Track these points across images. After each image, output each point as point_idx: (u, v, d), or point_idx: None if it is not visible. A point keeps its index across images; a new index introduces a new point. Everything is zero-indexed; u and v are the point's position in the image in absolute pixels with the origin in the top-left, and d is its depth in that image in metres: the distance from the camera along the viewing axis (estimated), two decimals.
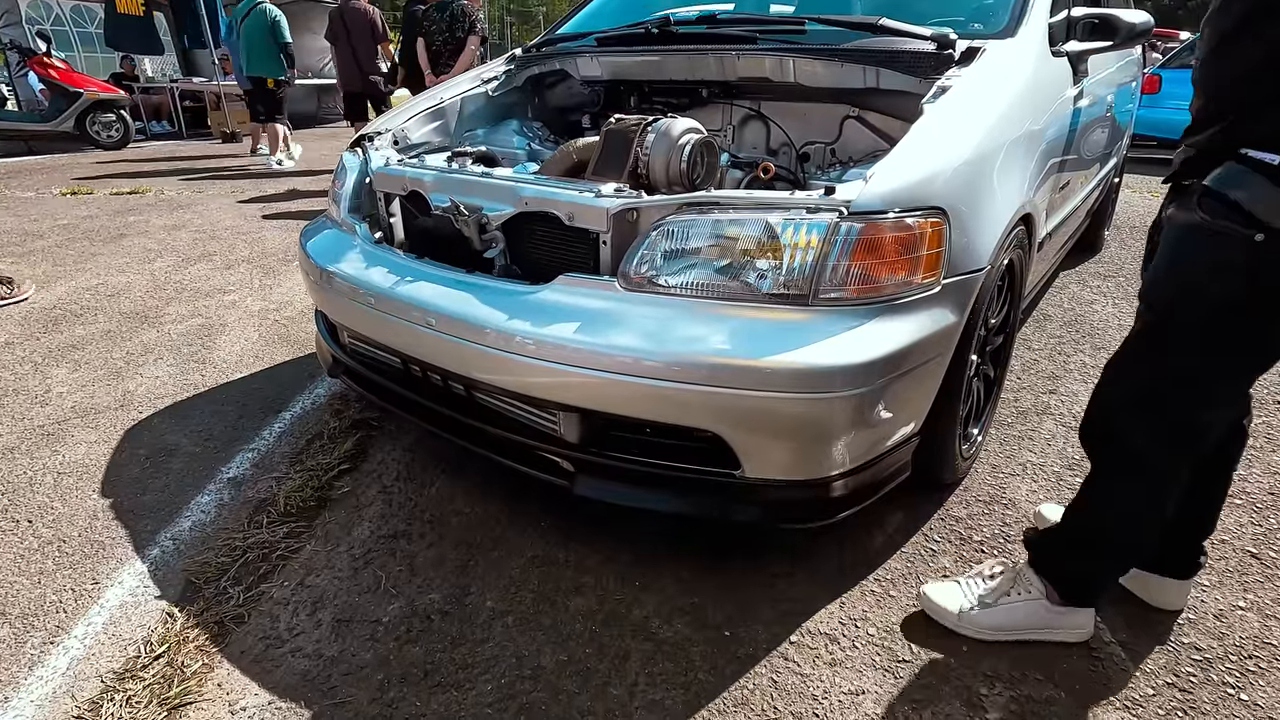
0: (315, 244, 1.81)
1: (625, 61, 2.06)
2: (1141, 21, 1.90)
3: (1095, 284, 3.41)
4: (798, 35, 1.83)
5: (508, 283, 1.38)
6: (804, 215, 1.20)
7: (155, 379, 2.29)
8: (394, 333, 1.48)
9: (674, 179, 1.58)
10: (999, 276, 1.56)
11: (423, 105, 2.20)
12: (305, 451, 1.86)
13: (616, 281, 1.26)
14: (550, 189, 1.39)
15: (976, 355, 1.63)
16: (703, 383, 1.16)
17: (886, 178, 1.24)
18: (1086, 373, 2.41)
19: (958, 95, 1.45)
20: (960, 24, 1.91)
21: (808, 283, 1.19)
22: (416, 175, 1.63)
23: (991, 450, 1.91)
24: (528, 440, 1.38)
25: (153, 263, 3.66)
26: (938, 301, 1.28)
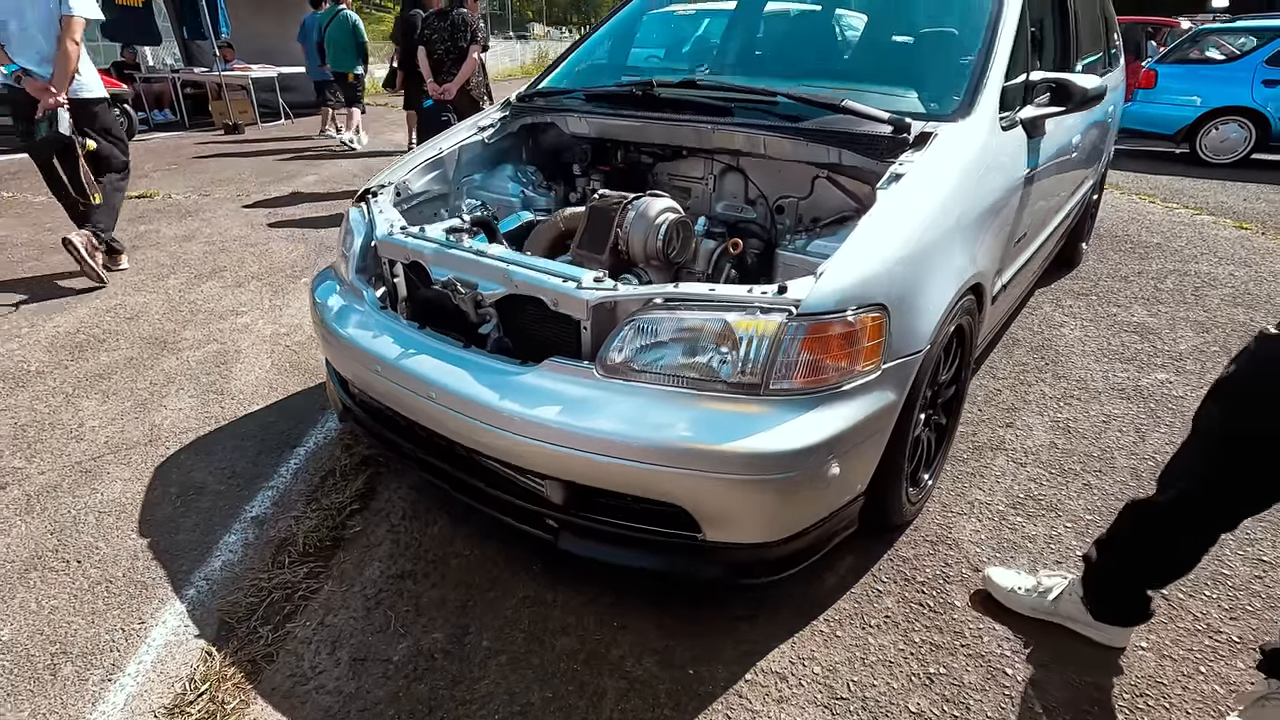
0: (325, 300, 1.97)
1: (611, 123, 2.20)
2: (1094, 87, 2.05)
3: (1068, 303, 3.57)
4: (770, 106, 1.97)
5: (500, 361, 1.55)
6: (758, 315, 1.37)
7: (179, 411, 2.48)
8: (399, 399, 1.66)
9: (651, 255, 1.76)
10: (943, 347, 1.72)
11: (423, 157, 2.36)
12: (320, 489, 2.05)
13: (595, 368, 1.44)
14: (537, 275, 1.55)
15: (924, 413, 1.80)
16: (667, 464, 1.34)
17: (833, 278, 1.40)
18: (1045, 404, 2.59)
19: (907, 186, 1.60)
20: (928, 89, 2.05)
21: (760, 375, 1.36)
22: (418, 247, 1.79)
23: (944, 487, 2.10)
24: (518, 500, 1.57)
25: (166, 279, 3.83)
26: (878, 385, 1.45)
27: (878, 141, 1.76)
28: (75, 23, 3.23)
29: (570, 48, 2.93)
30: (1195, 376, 2.78)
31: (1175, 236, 4.78)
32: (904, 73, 2.18)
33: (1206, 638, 1.58)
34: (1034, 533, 1.91)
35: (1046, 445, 2.32)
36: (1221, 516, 1.32)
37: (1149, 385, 2.72)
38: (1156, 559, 1.43)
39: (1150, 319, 3.37)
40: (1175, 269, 4.10)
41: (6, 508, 1.98)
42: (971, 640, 1.57)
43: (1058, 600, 1.58)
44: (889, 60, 2.34)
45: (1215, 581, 1.74)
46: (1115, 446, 2.31)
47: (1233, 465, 1.26)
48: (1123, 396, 2.63)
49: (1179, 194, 6.15)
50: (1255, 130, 7.19)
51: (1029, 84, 2.10)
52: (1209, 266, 4.15)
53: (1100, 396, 2.63)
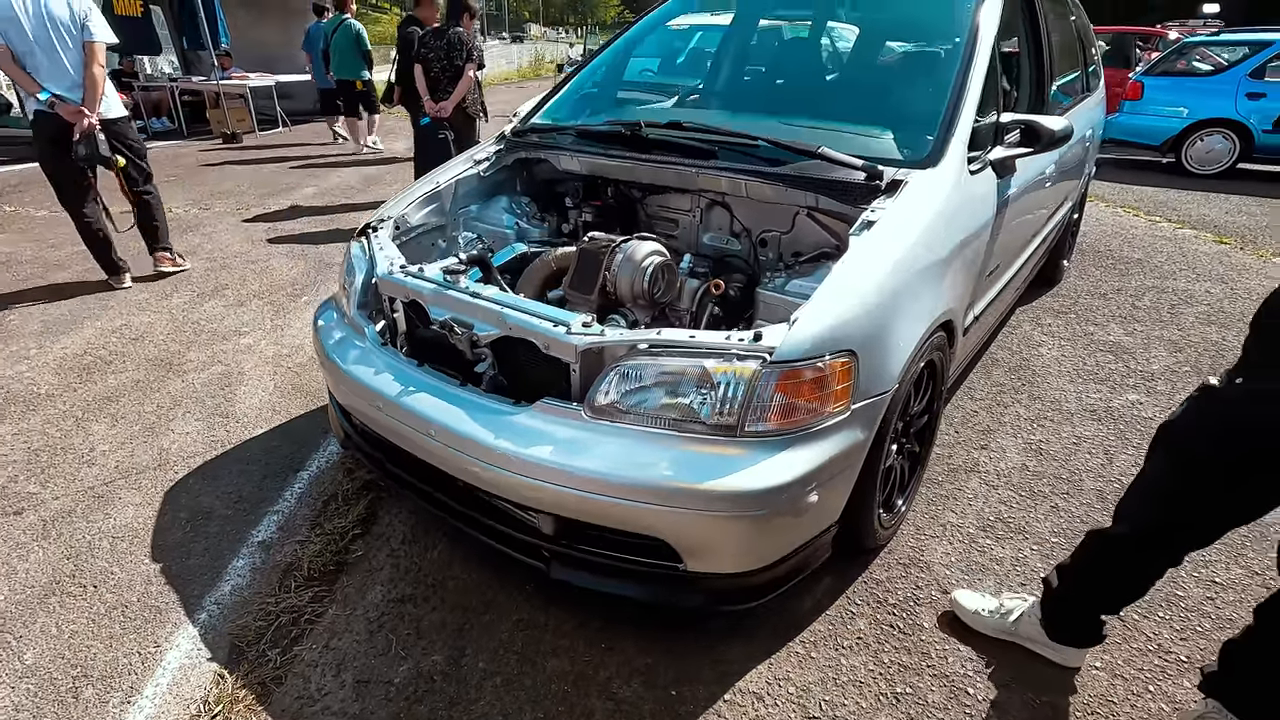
0: (329, 333, 2.07)
1: (601, 162, 2.30)
2: (1061, 128, 2.15)
3: (1048, 322, 3.68)
4: (752, 149, 2.07)
5: (495, 400, 1.65)
6: (734, 361, 1.47)
7: (186, 435, 2.57)
8: (399, 433, 1.76)
9: (637, 295, 1.86)
10: (914, 382, 1.83)
11: (421, 191, 2.45)
12: (323, 514, 2.15)
13: (583, 409, 1.54)
14: (530, 319, 1.65)
15: (896, 444, 1.91)
16: (650, 501, 1.44)
17: (805, 326, 1.50)
18: (1019, 426, 2.70)
19: (877, 234, 1.71)
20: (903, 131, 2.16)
21: (737, 417, 1.46)
22: (417, 288, 1.89)
23: (919, 510, 2.20)
24: (512, 531, 1.67)
25: (169, 298, 3.92)
26: (847, 424, 1.56)
27: (852, 188, 1.87)
28: (99, 48, 3.50)
29: (564, 80, 3.03)
30: (1165, 397, 2.89)
31: (1156, 251, 4.90)
32: (881, 113, 2.28)
33: (1157, 658, 1.69)
34: (1001, 555, 2.02)
35: (1018, 468, 2.42)
36: (1167, 552, 1.43)
37: (1120, 406, 2.83)
38: (1108, 587, 1.53)
39: (1126, 338, 3.48)
40: (1154, 285, 4.22)
41: (24, 533, 2.07)
42: (937, 660, 1.68)
43: (1018, 622, 1.69)
44: (868, 100, 2.44)
45: (1169, 603, 1.84)
46: (1084, 469, 2.42)
47: (1176, 507, 1.36)
48: (1094, 418, 2.74)
49: (1163, 206, 6.27)
50: (1239, 142, 7.33)
51: (999, 125, 2.21)
52: (1186, 283, 4.27)
53: (1072, 418, 2.74)
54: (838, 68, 2.79)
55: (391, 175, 7.36)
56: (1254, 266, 4.59)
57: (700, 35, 4.81)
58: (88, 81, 3.46)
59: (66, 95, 3.45)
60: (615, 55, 3.07)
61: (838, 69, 2.77)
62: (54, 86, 3.43)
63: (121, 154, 3.77)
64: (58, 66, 3.43)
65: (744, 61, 3.14)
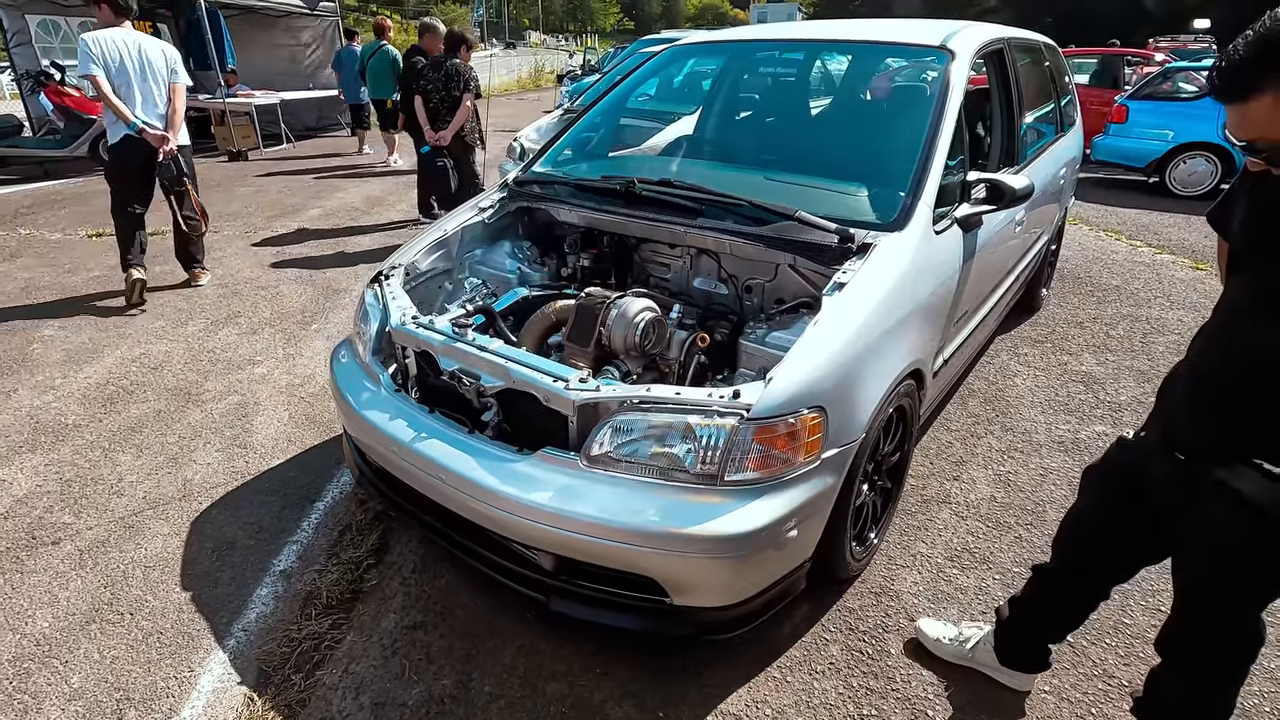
0: (345, 378, 2.24)
1: (596, 217, 2.48)
2: (1023, 188, 2.33)
3: (1024, 351, 3.86)
4: (736, 207, 2.25)
5: (500, 448, 1.82)
6: (715, 418, 1.64)
7: (207, 466, 2.74)
8: (412, 475, 1.93)
9: (630, 348, 2.03)
10: (883, 427, 2.01)
11: (430, 238, 2.63)
12: (339, 544, 2.32)
13: (580, 459, 1.71)
14: (531, 374, 1.83)
15: (867, 483, 2.08)
16: (640, 544, 1.61)
17: (780, 384, 1.68)
18: (990, 457, 2.87)
19: (848, 295, 1.88)
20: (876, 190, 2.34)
21: (717, 467, 1.63)
22: (427, 339, 2.06)
23: (892, 540, 2.37)
24: (514, 566, 1.84)
25: (185, 325, 4.09)
26: (818, 472, 1.73)
27: (826, 250, 2.05)
28: (182, 89, 4.38)
29: (562, 130, 3.21)
30: (1130, 429, 3.06)
31: (1134, 278, 5.09)
32: (857, 170, 2.47)
33: (1101, 682, 1.86)
34: (966, 584, 2.19)
35: (987, 499, 2.60)
36: (1095, 586, 1.60)
37: (1086, 438, 3.00)
38: (1048, 617, 1.71)
39: (1098, 368, 3.66)
40: (1129, 314, 4.40)
41: (63, 562, 2.24)
42: (901, 684, 1.84)
43: (975, 649, 1.85)
44: (845, 156, 2.62)
45: (1116, 629, 2.02)
46: (1048, 500, 2.59)
47: (1095, 547, 1.54)
48: (1061, 449, 2.92)
49: (1144, 230, 6.47)
50: (1221, 164, 7.53)
51: (965, 183, 2.39)
52: (1160, 311, 4.45)
53: (1041, 450, 2.91)
54: (819, 122, 2.98)
55: (395, 196, 7.55)
56: None
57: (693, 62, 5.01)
58: (171, 114, 4.29)
59: (154, 124, 4.22)
60: (611, 106, 3.25)
61: (819, 123, 2.95)
62: (146, 115, 4.19)
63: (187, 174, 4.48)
64: (149, 100, 4.22)
65: (734, 112, 3.32)
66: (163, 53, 4.27)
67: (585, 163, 3.10)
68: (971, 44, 2.66)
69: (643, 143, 3.70)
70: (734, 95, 3.46)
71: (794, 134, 2.93)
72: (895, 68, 3.02)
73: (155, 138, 4.17)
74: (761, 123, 3.18)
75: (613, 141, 3.48)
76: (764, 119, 3.19)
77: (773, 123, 3.10)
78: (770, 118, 3.16)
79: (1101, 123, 8.37)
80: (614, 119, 3.34)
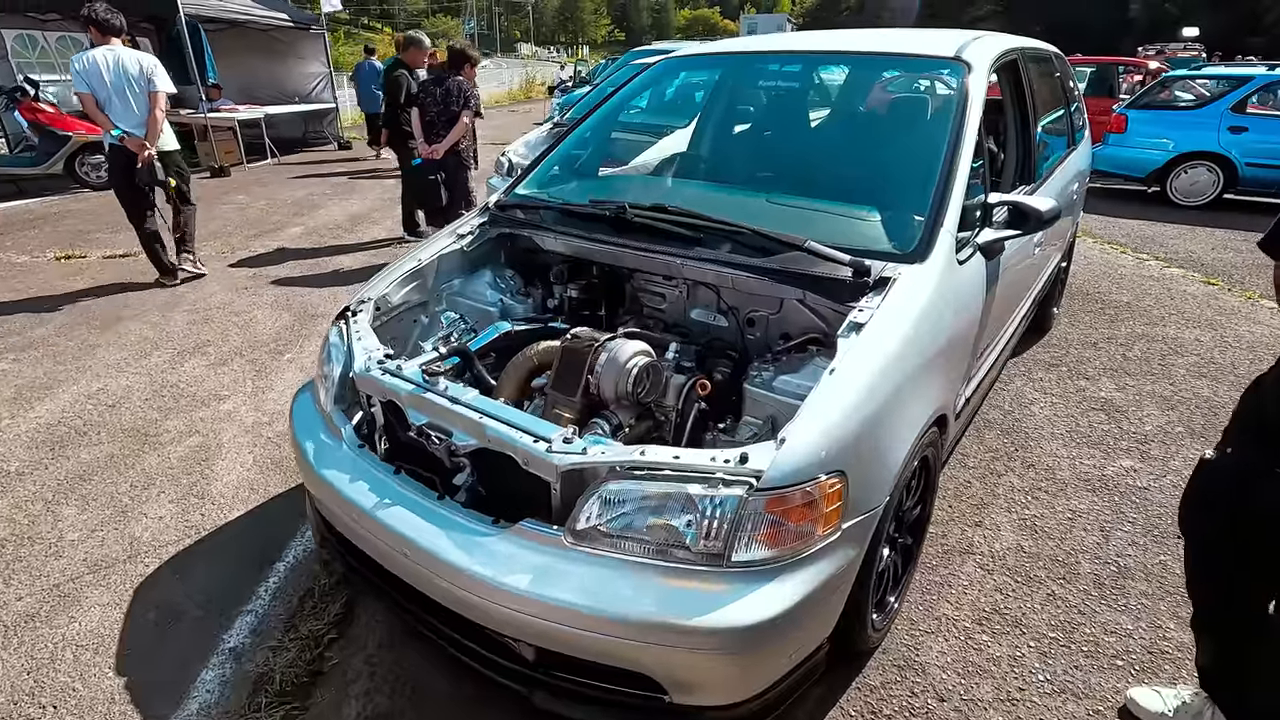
0: (304, 430, 2.00)
1: (585, 246, 2.26)
2: (1049, 210, 2.13)
3: (1039, 376, 3.65)
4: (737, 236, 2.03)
5: (472, 519, 1.58)
6: (719, 488, 1.42)
7: (159, 520, 2.49)
8: (373, 547, 1.70)
9: (621, 397, 1.81)
10: (909, 480, 1.79)
11: (404, 269, 2.40)
12: (298, 614, 2.07)
13: (563, 535, 1.48)
14: (510, 432, 1.60)
15: (888, 544, 1.86)
16: (632, 637, 1.38)
17: (794, 447, 1.45)
18: (1013, 498, 2.65)
19: (866, 339, 1.66)
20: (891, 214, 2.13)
21: (723, 545, 1.41)
22: (394, 388, 1.83)
23: (913, 600, 2.15)
24: (492, 654, 1.60)
25: (149, 356, 3.85)
26: (839, 545, 1.50)
27: (839, 285, 1.83)
28: (160, 96, 4.56)
29: (550, 147, 3.00)
30: (1159, 464, 2.86)
31: (1144, 294, 4.91)
32: (870, 192, 2.26)
33: None
34: (998, 654, 1.96)
35: (1014, 549, 2.37)
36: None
37: (1114, 475, 2.79)
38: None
39: (1118, 394, 3.46)
40: (1144, 333, 4.21)
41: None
42: None
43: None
44: (857, 176, 2.42)
45: None
46: (1080, 549, 2.37)
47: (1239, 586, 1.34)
48: (1089, 488, 2.70)
49: (1149, 242, 6.30)
50: (1223, 174, 7.40)
51: (986, 205, 2.18)
52: (1176, 330, 4.26)
53: (1067, 489, 2.70)
54: (826, 139, 2.77)
55: (380, 212, 7.33)
56: (1242, 310, 4.60)
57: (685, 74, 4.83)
58: (150, 121, 4.49)
59: (133, 132, 4.45)
60: (601, 121, 3.04)
61: (826, 141, 2.75)
62: (124, 125, 4.42)
63: (174, 177, 4.84)
64: (127, 109, 4.45)
65: (732, 128, 3.12)
66: (139, 63, 4.49)
67: (573, 183, 2.88)
68: (987, 55, 2.47)
69: (634, 158, 3.49)
70: (732, 110, 3.26)
71: (799, 153, 2.72)
72: (908, 81, 2.82)
73: (134, 145, 4.44)
74: (763, 140, 2.97)
75: (603, 159, 3.27)
76: (765, 136, 2.99)
77: (775, 140, 2.89)
78: (772, 134, 2.95)
79: (1099, 132, 8.23)
80: (604, 135, 3.13)
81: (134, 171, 4.50)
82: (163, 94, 4.55)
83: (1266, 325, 4.30)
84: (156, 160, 4.59)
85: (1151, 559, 2.32)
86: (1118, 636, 2.01)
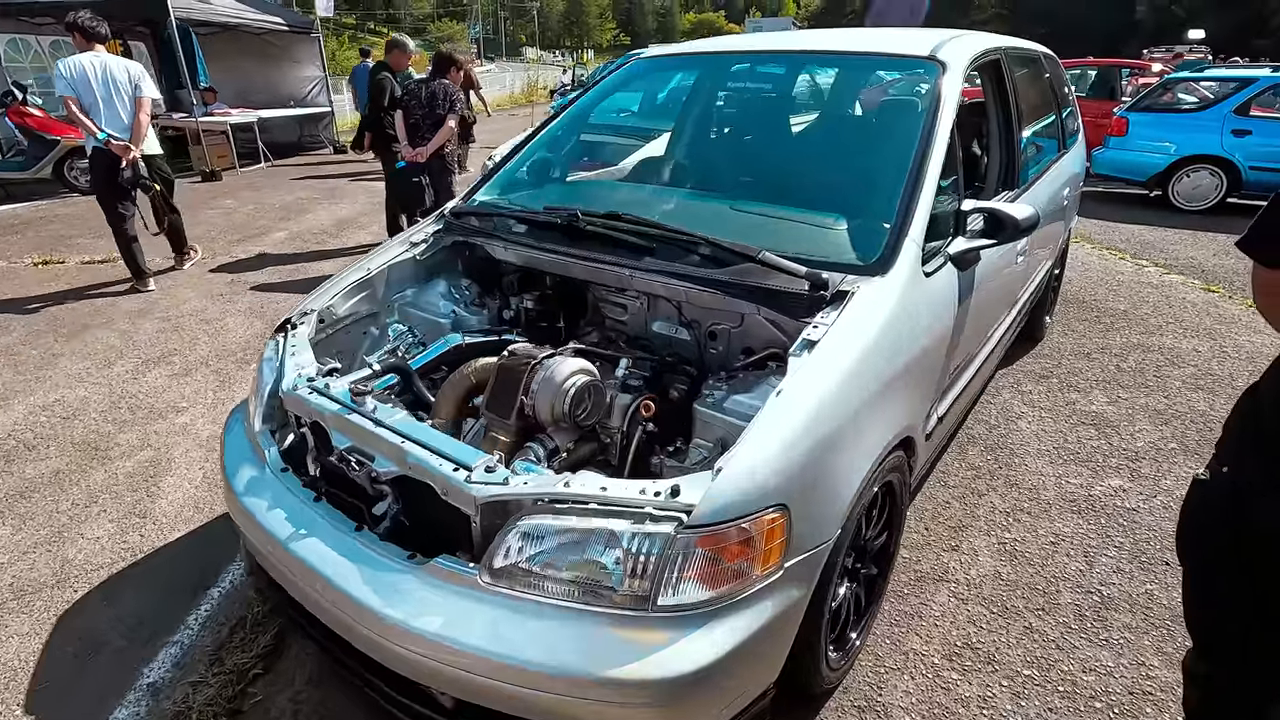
0: (233, 450, 1.89)
1: (535, 256, 2.15)
2: (1027, 218, 2.00)
3: (1028, 388, 3.51)
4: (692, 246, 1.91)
5: (389, 554, 1.46)
6: (647, 524, 1.30)
7: (95, 541, 2.38)
8: (288, 581, 1.58)
9: (558, 419, 1.69)
10: (865, 513, 1.66)
11: (350, 279, 2.29)
12: (226, 645, 1.96)
13: (480, 575, 1.36)
14: (429, 459, 1.48)
15: (846, 579, 1.73)
16: (548, 690, 1.26)
17: (730, 479, 1.33)
18: (993, 520, 2.52)
19: (819, 358, 1.54)
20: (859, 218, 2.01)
21: (650, 588, 1.28)
22: (319, 408, 1.72)
23: (881, 631, 2.02)
24: (413, 703, 1.48)
25: (113, 366, 3.75)
26: (780, 585, 1.38)
27: (795, 299, 1.71)
28: (146, 101, 4.68)
29: (516, 148, 2.90)
30: (1149, 483, 2.72)
31: (1142, 302, 4.76)
32: (837, 198, 2.14)
33: None
34: (968, 694, 1.83)
35: (991, 576, 2.24)
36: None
37: (1101, 495, 2.65)
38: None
39: (1110, 407, 3.32)
40: (1139, 343, 4.06)
41: None
42: None
43: None
44: (824, 182, 2.29)
45: None
46: (1061, 576, 2.24)
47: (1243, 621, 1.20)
48: (1074, 509, 2.57)
49: (1149, 248, 6.15)
50: (1226, 178, 7.24)
51: (960, 213, 2.05)
52: (1173, 339, 4.12)
53: (1051, 510, 2.56)
54: (796, 143, 2.65)
55: (367, 217, 7.24)
56: (1243, 319, 4.45)
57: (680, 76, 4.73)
58: (135, 126, 4.62)
59: (119, 136, 4.54)
60: (569, 123, 2.93)
61: (796, 145, 2.63)
62: (110, 129, 4.51)
63: (157, 182, 4.93)
64: (114, 114, 4.56)
65: (704, 131, 3.00)
66: (126, 70, 4.61)
67: (538, 188, 2.78)
68: (964, 54, 2.35)
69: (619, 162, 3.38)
70: (706, 113, 3.14)
71: (767, 157, 2.60)
72: (880, 81, 2.70)
73: (118, 148, 4.53)
74: (731, 144, 2.86)
75: (574, 162, 3.16)
76: (734, 140, 2.87)
77: (744, 144, 2.77)
78: (741, 138, 2.84)
79: (1100, 135, 8.08)
80: (571, 137, 3.02)
81: (117, 173, 4.57)
82: (148, 99, 4.68)
83: (1267, 334, 4.15)
84: (140, 161, 4.69)
85: (1137, 588, 2.18)
86: (1097, 675, 1.88)
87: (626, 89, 3.40)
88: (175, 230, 5.31)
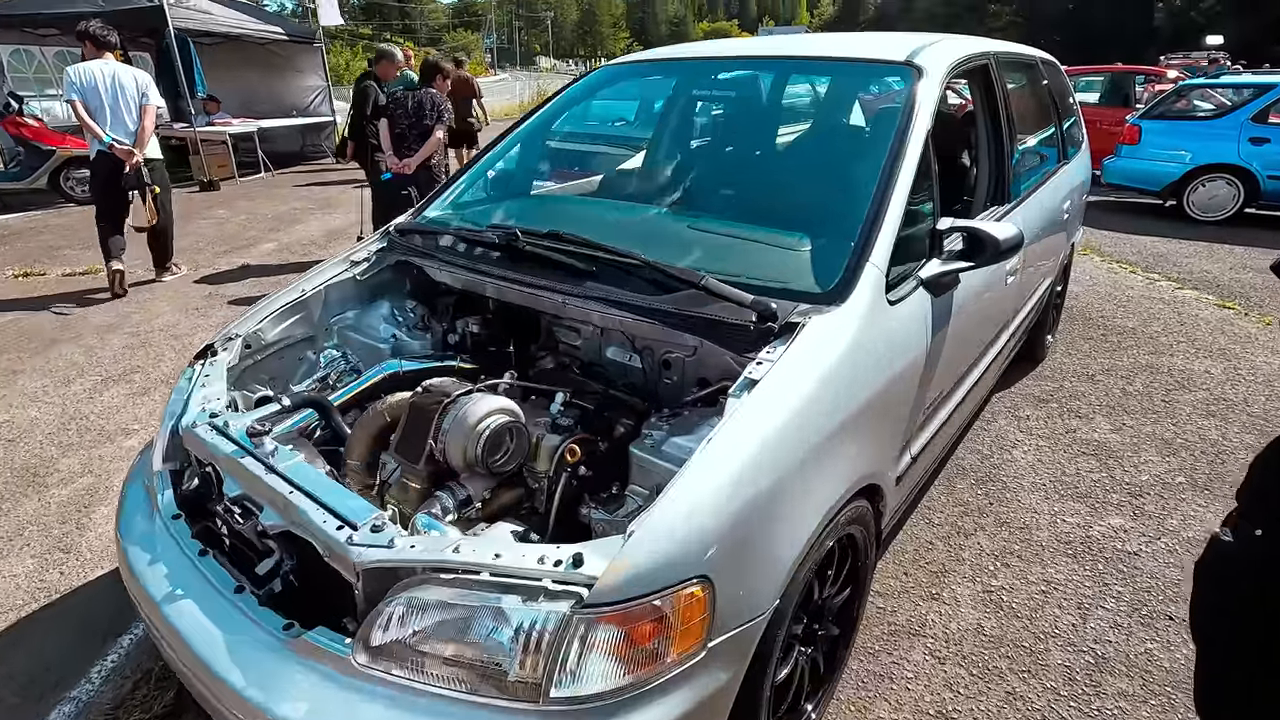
0: (134, 493, 1.74)
1: (471, 278, 1.99)
2: (1009, 237, 1.81)
3: (1026, 414, 3.30)
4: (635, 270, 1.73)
5: (261, 624, 1.29)
6: (541, 600, 1.12)
7: (12, 580, 2.24)
8: (164, 650, 1.42)
9: (471, 464, 1.51)
10: (813, 576, 1.47)
11: (282, 300, 2.14)
12: (126, 702, 1.80)
13: (354, 654, 1.18)
14: (314, 513, 1.31)
15: (798, 646, 1.54)
16: None
17: (641, 548, 1.14)
18: (980, 564, 2.31)
19: (756, 404, 1.36)
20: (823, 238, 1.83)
21: (542, 676, 1.10)
22: (213, 449, 1.56)
23: (846, 694, 1.82)
24: None
25: (71, 384, 3.63)
26: (702, 668, 1.19)
27: (739, 331, 1.53)
28: (151, 109, 4.89)
29: (472, 160, 2.74)
30: (1153, 523, 2.50)
31: (1152, 319, 4.52)
32: (797, 220, 1.95)
33: None
34: None
35: (973, 630, 2.03)
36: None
37: (1100, 536, 2.43)
38: None
39: (1113, 435, 3.09)
40: (1148, 364, 3.83)
41: None
42: None
43: None
44: (784, 203, 2.11)
45: None
46: (1051, 631, 2.03)
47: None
48: (1068, 553, 2.35)
49: (1162, 261, 5.90)
50: (1243, 188, 6.96)
51: (935, 233, 1.86)
52: (1184, 360, 3.88)
53: (1043, 553, 2.35)
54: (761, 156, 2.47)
55: (358, 229, 7.12)
56: (1259, 338, 4.19)
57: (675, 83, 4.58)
58: (140, 132, 4.80)
59: (123, 140, 4.72)
60: (529, 134, 2.77)
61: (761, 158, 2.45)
62: (115, 134, 4.70)
63: (157, 184, 5.00)
64: (119, 120, 4.74)
65: (675, 143, 2.83)
66: (134, 78, 4.81)
67: (491, 205, 2.62)
68: (944, 60, 2.16)
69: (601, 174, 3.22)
70: (678, 122, 2.97)
71: (731, 170, 2.43)
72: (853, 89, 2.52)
73: (123, 152, 4.70)
74: (696, 156, 2.68)
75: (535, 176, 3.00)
76: (700, 151, 2.70)
77: (708, 156, 2.60)
78: (707, 150, 2.66)
79: (1112, 144, 7.82)
80: (532, 149, 2.86)
81: (118, 176, 4.74)
82: (153, 106, 4.89)
83: None
84: (143, 165, 4.85)
85: (1135, 647, 1.97)
86: None
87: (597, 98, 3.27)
88: (162, 239, 5.28)
